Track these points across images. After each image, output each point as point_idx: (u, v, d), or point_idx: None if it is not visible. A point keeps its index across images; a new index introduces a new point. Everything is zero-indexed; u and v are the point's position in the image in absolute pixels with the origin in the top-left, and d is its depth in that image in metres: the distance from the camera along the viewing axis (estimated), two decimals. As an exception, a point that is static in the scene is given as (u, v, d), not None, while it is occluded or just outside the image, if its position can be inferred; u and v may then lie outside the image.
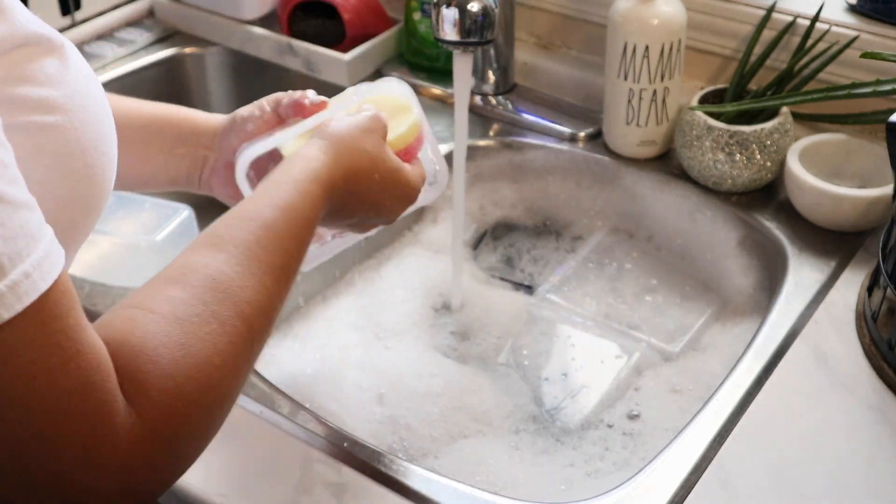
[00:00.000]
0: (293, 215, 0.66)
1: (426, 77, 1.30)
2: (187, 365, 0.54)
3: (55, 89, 0.57)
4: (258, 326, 0.60)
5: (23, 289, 0.47)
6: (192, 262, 0.60)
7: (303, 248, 0.68)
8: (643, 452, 0.90)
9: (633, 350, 1.01)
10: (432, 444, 0.91)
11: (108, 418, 0.50)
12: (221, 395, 0.57)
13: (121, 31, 1.43)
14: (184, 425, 0.54)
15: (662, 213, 1.12)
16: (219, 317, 0.57)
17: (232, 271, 0.60)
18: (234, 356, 0.57)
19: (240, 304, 0.59)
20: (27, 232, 0.48)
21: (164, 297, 0.57)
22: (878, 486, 0.76)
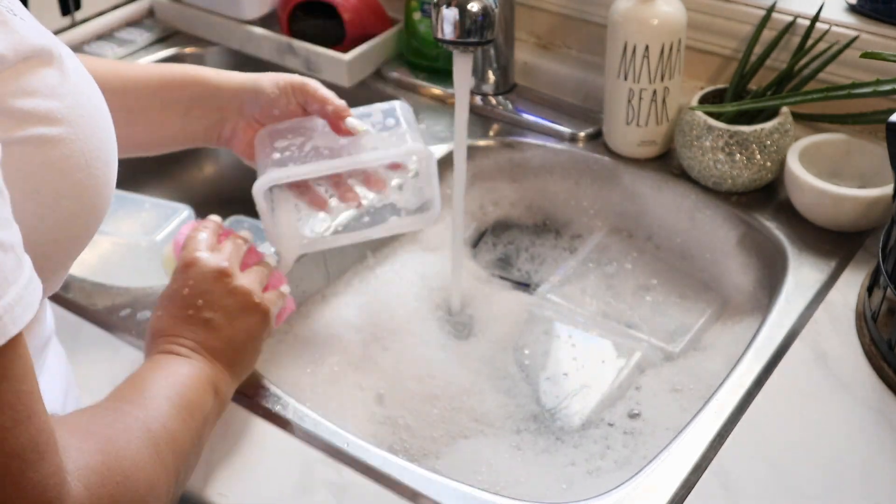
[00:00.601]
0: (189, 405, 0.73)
1: (426, 77, 1.30)
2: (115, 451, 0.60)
3: (57, 101, 0.57)
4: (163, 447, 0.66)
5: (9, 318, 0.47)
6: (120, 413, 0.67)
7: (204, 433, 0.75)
8: (644, 451, 0.90)
9: (633, 349, 1.01)
10: (433, 445, 0.91)
11: (58, 487, 0.51)
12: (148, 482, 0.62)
13: (121, 31, 1.43)
14: (121, 498, 0.58)
15: (662, 212, 1.12)
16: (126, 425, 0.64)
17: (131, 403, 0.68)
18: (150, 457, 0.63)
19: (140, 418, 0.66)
20: (2, 274, 0.48)
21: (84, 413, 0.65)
22: (877, 486, 0.76)
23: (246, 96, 0.90)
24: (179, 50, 1.41)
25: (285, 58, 1.34)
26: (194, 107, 0.89)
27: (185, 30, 1.44)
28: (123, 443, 0.61)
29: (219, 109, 0.89)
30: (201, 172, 1.37)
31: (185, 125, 0.89)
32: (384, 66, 1.33)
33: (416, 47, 1.31)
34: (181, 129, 0.90)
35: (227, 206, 1.33)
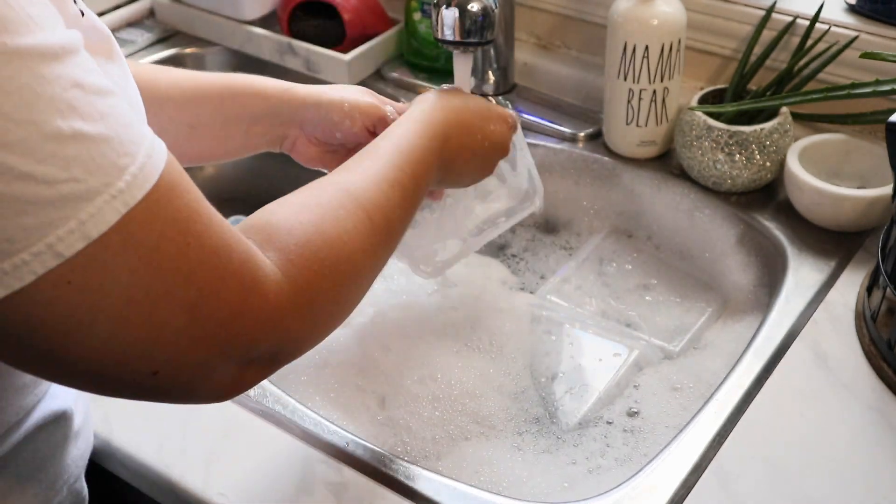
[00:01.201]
0: (406, 144, 0.78)
1: (426, 77, 1.30)
2: (320, 239, 0.63)
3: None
4: (378, 220, 0.69)
5: (148, 169, 0.52)
6: (324, 178, 0.72)
7: (419, 179, 0.77)
8: (644, 449, 0.90)
9: (633, 348, 1.01)
10: (434, 446, 0.91)
11: (254, 272, 0.57)
12: (352, 270, 0.65)
13: (121, 31, 1.43)
14: (322, 285, 0.62)
15: (662, 212, 1.12)
16: (344, 206, 0.67)
17: (352, 177, 0.71)
18: (359, 238, 0.66)
19: (360, 199, 0.68)
20: (133, 119, 0.53)
21: (298, 193, 0.68)
22: (877, 486, 0.76)
23: (308, 114, 0.89)
24: (179, 50, 1.41)
25: (285, 58, 1.35)
26: (254, 124, 0.89)
27: (185, 30, 1.44)
28: (337, 226, 0.65)
29: (279, 125, 0.90)
30: (201, 172, 1.38)
31: (246, 140, 0.90)
32: (384, 66, 1.33)
33: (416, 47, 1.31)
34: (243, 143, 0.91)
35: (227, 206, 1.33)
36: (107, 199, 0.49)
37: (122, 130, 0.51)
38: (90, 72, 0.51)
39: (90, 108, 0.50)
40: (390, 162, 0.75)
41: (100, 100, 0.51)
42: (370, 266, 0.69)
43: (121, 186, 0.50)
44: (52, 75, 0.49)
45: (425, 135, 0.80)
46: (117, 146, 0.50)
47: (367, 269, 0.68)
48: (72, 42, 0.51)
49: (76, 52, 0.51)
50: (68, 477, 0.76)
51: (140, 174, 0.51)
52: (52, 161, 0.48)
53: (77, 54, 0.51)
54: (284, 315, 0.59)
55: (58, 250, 0.48)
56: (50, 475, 0.74)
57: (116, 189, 0.50)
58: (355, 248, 0.66)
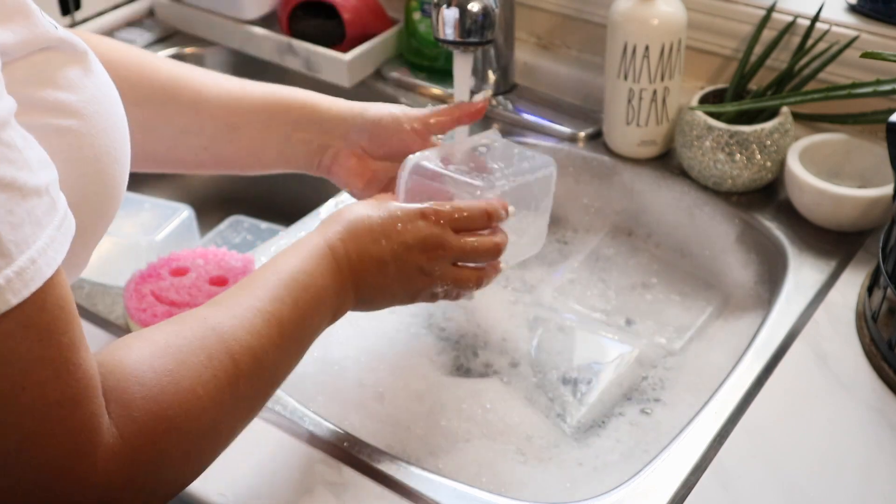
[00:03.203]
0: (296, 278, 0.70)
1: (426, 77, 1.30)
2: (172, 391, 0.57)
3: (74, 94, 0.58)
4: (245, 366, 0.62)
5: (28, 275, 0.48)
6: (192, 312, 0.65)
7: (307, 310, 0.69)
8: (646, 447, 0.90)
9: (635, 347, 1.01)
10: (434, 446, 0.91)
11: (91, 435, 0.52)
12: (205, 427, 0.59)
13: (121, 31, 1.43)
14: (164, 449, 0.56)
15: (662, 210, 1.12)
16: (207, 350, 0.60)
17: (224, 315, 0.64)
18: (218, 390, 0.60)
19: (228, 341, 0.62)
20: (34, 219, 0.49)
21: (160, 330, 0.61)
22: (878, 486, 0.76)
23: (353, 122, 0.87)
24: (179, 50, 1.41)
25: (285, 58, 1.35)
26: (297, 131, 0.87)
27: (185, 30, 1.44)
28: (194, 376, 0.59)
29: (323, 134, 0.87)
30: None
31: (285, 148, 0.88)
32: (384, 66, 1.33)
33: (416, 47, 1.31)
34: (281, 151, 0.88)
35: (227, 206, 1.34)
36: None
37: (6, 229, 0.47)
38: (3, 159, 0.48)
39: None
40: (269, 294, 0.67)
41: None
42: (230, 421, 0.63)
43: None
44: None
45: (311, 257, 0.72)
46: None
47: (224, 424, 0.62)
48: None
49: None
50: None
51: (16, 279, 0.47)
52: None
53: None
54: (112, 487, 0.53)
55: None
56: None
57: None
58: (212, 403, 0.59)
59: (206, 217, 1.28)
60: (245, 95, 0.87)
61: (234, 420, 0.63)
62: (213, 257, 0.95)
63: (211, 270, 0.93)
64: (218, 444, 0.62)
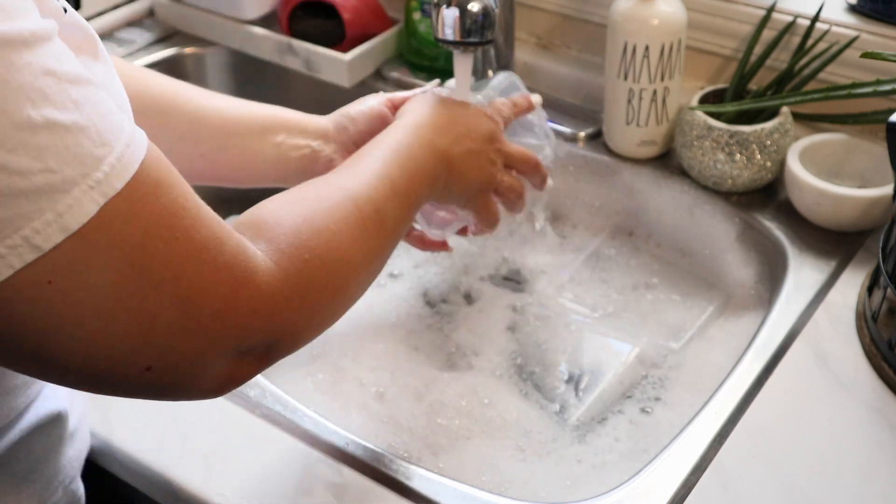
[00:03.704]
0: (395, 144, 0.79)
1: (426, 77, 1.30)
2: (309, 229, 0.63)
3: None
4: (368, 212, 0.69)
5: (127, 159, 0.51)
6: (310, 180, 0.73)
7: (412, 173, 0.78)
8: (646, 446, 0.90)
9: (635, 346, 1.02)
10: (435, 445, 0.91)
11: (247, 264, 0.57)
12: (345, 259, 0.66)
13: (121, 31, 1.43)
14: (314, 275, 0.62)
15: (662, 209, 1.12)
16: (332, 197, 0.68)
17: (341, 175, 0.73)
18: (349, 228, 0.67)
19: (349, 191, 0.70)
20: (112, 108, 0.52)
21: (288, 191, 0.70)
22: (878, 486, 0.76)
23: (336, 125, 0.92)
24: (179, 50, 1.41)
25: (285, 58, 1.34)
26: (289, 138, 0.91)
27: (185, 30, 1.44)
28: (325, 216, 0.66)
29: (313, 139, 0.92)
30: (201, 172, 1.37)
31: (278, 155, 0.91)
32: (384, 66, 1.33)
33: (416, 47, 1.31)
34: (275, 159, 0.91)
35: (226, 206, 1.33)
36: (84, 190, 0.48)
37: (98, 120, 0.50)
38: (64, 60, 0.50)
39: (63, 96, 0.49)
40: (379, 160, 0.76)
41: (74, 88, 0.49)
42: (364, 257, 0.68)
43: (98, 177, 0.49)
44: (21, 63, 0.47)
45: (415, 133, 0.81)
46: (93, 136, 0.49)
47: (360, 259, 0.68)
48: (43, 30, 0.49)
49: (48, 39, 0.49)
50: (63, 477, 0.76)
51: (118, 164, 0.50)
52: (25, 151, 0.46)
53: (50, 42, 0.49)
54: (278, 306, 0.58)
55: (35, 243, 0.47)
56: (45, 476, 0.74)
57: (94, 180, 0.48)
58: (345, 238, 0.66)
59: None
60: (240, 108, 0.92)
61: (367, 255, 0.69)
62: None
63: None
64: (358, 277, 0.68)
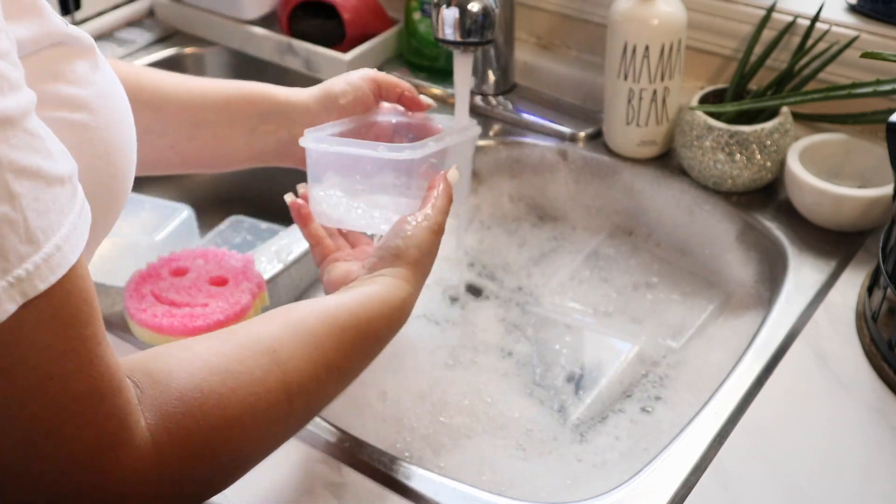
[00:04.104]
0: (366, 328, 0.69)
1: (426, 77, 1.30)
2: (216, 416, 0.55)
3: (84, 89, 0.58)
4: (299, 407, 0.62)
5: (55, 261, 0.48)
6: (256, 327, 0.63)
7: (365, 361, 0.70)
8: (647, 445, 0.90)
9: (635, 345, 1.02)
10: (436, 444, 0.91)
11: (118, 430, 0.51)
12: (243, 456, 0.59)
13: (121, 31, 1.43)
14: (196, 466, 0.55)
15: (662, 210, 1.12)
16: (265, 383, 0.58)
17: (292, 348, 0.62)
18: (268, 423, 0.59)
19: (289, 379, 0.60)
20: (58, 206, 0.49)
21: (213, 345, 0.59)
22: (878, 486, 0.76)
23: (318, 106, 0.88)
24: (179, 50, 1.41)
25: (285, 58, 1.35)
26: (263, 123, 0.88)
27: (185, 30, 1.44)
28: (245, 404, 0.57)
29: (289, 123, 0.88)
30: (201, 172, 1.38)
31: (252, 141, 0.88)
32: (384, 66, 1.33)
33: (416, 47, 1.31)
34: (248, 145, 0.88)
35: (226, 206, 1.34)
36: (3, 287, 0.46)
37: (34, 217, 0.47)
38: (23, 147, 0.47)
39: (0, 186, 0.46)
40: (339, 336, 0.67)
41: (17, 181, 0.47)
42: (268, 449, 0.62)
43: (19, 274, 0.46)
44: None
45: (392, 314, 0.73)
46: (21, 231, 0.46)
47: (262, 452, 0.61)
48: (15, 111, 0.47)
49: (11, 123, 0.47)
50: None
51: (43, 265, 0.47)
52: None
53: (11, 127, 0.47)
54: (136, 484, 0.52)
55: None
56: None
57: (14, 276, 0.46)
58: (252, 437, 0.58)
59: (206, 217, 1.28)
60: (207, 93, 0.87)
61: (273, 447, 0.63)
62: (213, 257, 0.95)
63: (211, 270, 0.93)
64: (250, 466, 0.61)
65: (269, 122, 0.88)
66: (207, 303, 0.89)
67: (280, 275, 1.02)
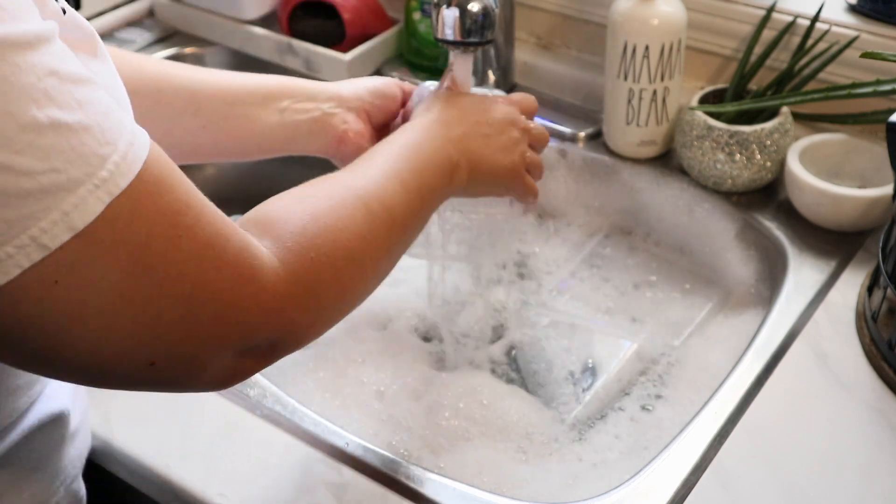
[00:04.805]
0: (408, 143, 0.78)
1: (426, 77, 1.30)
2: (315, 227, 0.63)
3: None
4: (377, 210, 0.68)
5: (131, 157, 0.51)
6: (322, 176, 0.71)
7: (426, 172, 0.76)
8: (648, 443, 0.90)
9: (635, 344, 1.02)
10: (435, 444, 0.91)
11: (251, 260, 0.57)
12: (351, 257, 0.65)
13: (121, 31, 1.43)
14: (320, 273, 0.62)
15: (661, 209, 1.12)
16: (340, 196, 0.67)
17: (349, 174, 0.72)
18: (356, 226, 0.66)
19: (357, 190, 0.69)
20: (115, 106, 0.52)
21: (295, 189, 0.69)
22: (878, 486, 0.76)
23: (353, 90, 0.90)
24: (179, 50, 1.41)
25: (285, 58, 1.34)
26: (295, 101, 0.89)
27: (185, 30, 1.44)
28: (333, 214, 0.65)
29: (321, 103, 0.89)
30: (201, 172, 1.37)
31: (284, 120, 0.88)
32: (384, 66, 1.33)
33: (416, 47, 1.31)
34: (281, 125, 0.88)
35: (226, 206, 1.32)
36: (90, 189, 0.49)
37: (102, 119, 0.50)
38: (66, 60, 0.50)
39: (67, 96, 0.49)
40: (388, 159, 0.74)
41: (77, 88, 0.50)
42: (372, 255, 0.68)
43: (104, 176, 0.49)
44: (25, 64, 0.48)
45: (424, 130, 0.80)
46: (97, 135, 0.49)
47: (368, 257, 0.67)
48: (46, 31, 0.50)
49: (50, 40, 0.50)
50: (65, 477, 0.76)
51: (123, 163, 0.50)
52: (31, 152, 0.47)
53: (52, 43, 0.50)
54: (282, 304, 0.58)
55: (42, 242, 0.48)
56: (47, 475, 0.74)
57: (99, 178, 0.49)
58: (353, 236, 0.65)
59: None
60: (239, 78, 0.90)
61: (375, 253, 0.68)
62: None
63: None
64: (366, 275, 0.68)
65: (300, 101, 0.89)
66: None
67: (280, 275, 1.02)
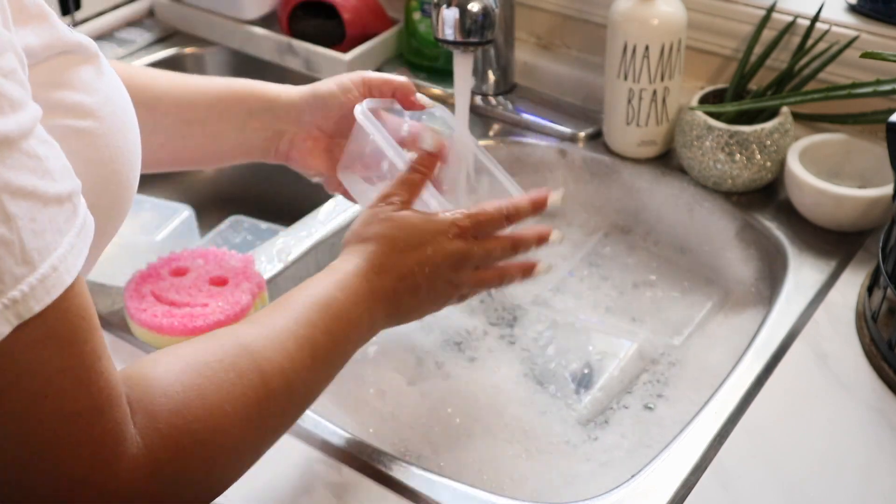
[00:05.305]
0: (330, 305, 0.70)
1: (426, 77, 1.30)
2: (198, 405, 0.57)
3: (89, 95, 0.58)
4: (275, 386, 0.62)
5: (50, 282, 0.48)
6: (223, 329, 0.65)
7: (339, 335, 0.70)
8: (649, 441, 0.90)
9: (635, 343, 1.02)
10: (436, 443, 0.91)
11: (114, 445, 0.52)
12: (230, 443, 0.59)
13: (121, 31, 1.43)
14: (188, 462, 0.56)
15: (661, 208, 1.12)
16: (237, 368, 0.60)
17: (257, 334, 0.64)
18: (246, 407, 0.60)
19: (259, 360, 0.62)
20: (55, 226, 0.49)
21: (190, 346, 0.61)
22: (878, 486, 0.76)
23: (304, 105, 0.88)
24: (179, 50, 1.41)
25: (285, 58, 1.35)
26: (252, 119, 0.88)
27: (185, 30, 1.44)
28: (222, 391, 0.59)
29: (276, 120, 0.88)
30: (201, 172, 1.37)
31: (242, 139, 0.89)
32: (384, 66, 1.33)
33: (416, 47, 1.31)
34: (238, 142, 0.89)
35: (227, 206, 1.34)
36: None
37: (30, 237, 0.47)
38: (21, 169, 0.47)
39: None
40: (303, 317, 0.67)
41: (14, 202, 0.47)
42: (256, 440, 0.62)
43: (14, 296, 0.46)
44: None
45: (350, 284, 0.72)
46: (17, 253, 0.46)
47: (250, 442, 0.62)
48: (14, 132, 0.47)
49: (9, 144, 0.47)
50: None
51: (38, 286, 0.47)
52: None
53: (9, 148, 0.47)
54: (135, 497, 0.53)
55: None
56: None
57: (9, 298, 0.46)
58: (239, 421, 0.59)
59: (206, 217, 1.28)
60: (199, 91, 0.88)
61: (261, 438, 0.63)
62: (213, 257, 0.95)
63: (211, 270, 0.93)
64: (242, 462, 0.62)
65: (257, 118, 0.88)
66: (207, 303, 0.89)
67: (280, 275, 1.02)
